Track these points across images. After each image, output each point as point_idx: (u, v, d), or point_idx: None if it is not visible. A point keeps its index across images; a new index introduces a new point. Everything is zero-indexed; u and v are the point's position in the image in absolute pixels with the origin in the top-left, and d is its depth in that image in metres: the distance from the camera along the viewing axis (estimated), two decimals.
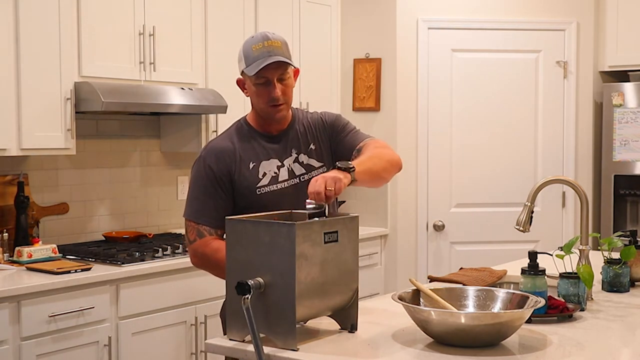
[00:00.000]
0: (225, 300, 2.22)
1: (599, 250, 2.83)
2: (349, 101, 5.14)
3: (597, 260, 2.81)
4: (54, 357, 3.21)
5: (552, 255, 2.57)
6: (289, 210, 2.30)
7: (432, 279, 2.99)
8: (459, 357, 1.97)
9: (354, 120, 2.73)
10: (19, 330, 3.10)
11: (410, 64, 4.96)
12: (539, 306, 2.11)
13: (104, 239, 4.06)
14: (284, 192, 2.48)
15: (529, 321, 2.26)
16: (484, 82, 4.99)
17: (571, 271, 2.54)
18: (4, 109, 3.37)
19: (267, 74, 2.42)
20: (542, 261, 2.44)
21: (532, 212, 2.78)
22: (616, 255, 2.78)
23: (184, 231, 2.54)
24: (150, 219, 4.40)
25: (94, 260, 3.61)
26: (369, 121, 4.97)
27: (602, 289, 2.78)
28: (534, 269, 2.40)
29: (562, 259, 2.59)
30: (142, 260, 3.62)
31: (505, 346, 2.06)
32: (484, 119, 5.00)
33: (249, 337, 2.03)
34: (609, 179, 4.97)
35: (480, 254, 4.80)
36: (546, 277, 2.41)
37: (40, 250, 3.55)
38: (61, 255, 3.65)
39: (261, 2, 4.50)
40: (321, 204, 2.13)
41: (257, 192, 2.47)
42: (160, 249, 3.74)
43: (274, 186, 2.48)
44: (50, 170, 3.94)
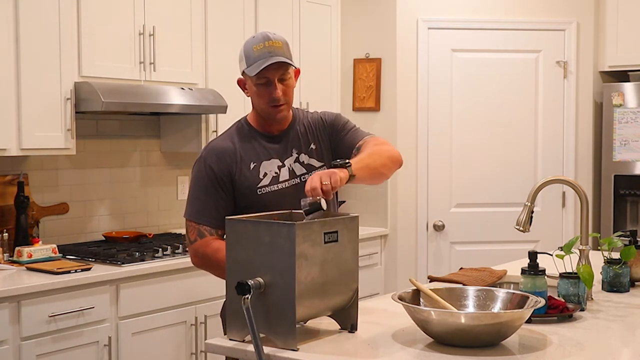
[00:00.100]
0: (225, 300, 2.22)
1: (599, 250, 2.83)
2: (349, 101, 5.14)
3: (597, 260, 2.81)
4: (54, 357, 3.21)
5: (552, 255, 2.57)
6: (289, 210, 2.30)
7: (432, 279, 2.99)
8: (459, 357, 1.97)
9: (354, 120, 2.73)
10: (19, 330, 3.10)
11: (410, 64, 4.96)
12: (539, 306, 2.11)
13: (104, 239, 4.06)
14: (285, 192, 2.48)
15: (529, 321, 2.26)
16: (484, 82, 4.99)
17: (571, 271, 2.54)
18: (4, 109, 3.37)
19: (268, 75, 2.42)
20: (542, 261, 2.44)
21: (532, 212, 2.78)
22: (616, 255, 2.78)
23: (185, 231, 2.54)
24: (150, 219, 4.40)
25: (94, 260, 3.61)
26: (369, 121, 4.97)
27: (602, 289, 2.78)
28: (534, 269, 2.40)
29: (562, 259, 2.59)
30: (142, 260, 3.62)
31: (505, 346, 2.06)
32: (484, 119, 5.00)
33: (249, 337, 2.03)
34: (609, 179, 4.97)
35: (480, 254, 4.80)
36: (546, 277, 2.41)
37: (40, 250, 3.55)
38: (61, 255, 3.65)
39: (261, 2, 4.50)
40: (316, 200, 2.12)
41: (257, 192, 2.47)
42: (160, 249, 3.74)
43: (275, 186, 2.48)
44: (50, 170, 3.94)
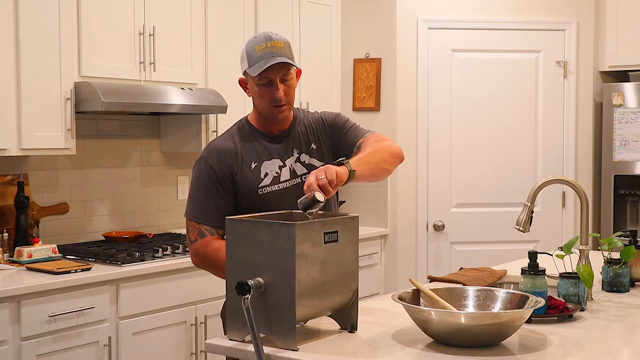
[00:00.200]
0: (225, 300, 2.22)
1: (599, 250, 2.83)
2: (349, 101, 5.14)
3: (597, 260, 2.81)
4: (54, 357, 3.21)
5: (552, 255, 2.57)
6: (290, 210, 2.30)
7: (432, 279, 2.99)
8: (459, 357, 1.97)
9: (354, 120, 2.73)
10: (19, 330, 3.10)
11: (410, 64, 4.96)
12: (539, 306, 2.11)
13: (104, 239, 4.06)
14: (286, 192, 2.48)
15: (529, 321, 2.26)
16: (484, 82, 4.99)
17: (571, 271, 2.54)
18: (4, 109, 3.37)
19: (270, 75, 2.42)
20: (542, 261, 2.44)
21: (532, 212, 2.78)
22: (616, 255, 2.78)
23: (185, 231, 2.54)
24: (150, 219, 4.40)
25: (94, 260, 3.61)
26: (369, 121, 4.97)
27: (602, 289, 2.78)
28: (534, 269, 2.40)
29: (562, 259, 2.59)
30: (142, 260, 3.62)
31: (505, 346, 2.06)
32: (484, 119, 5.00)
33: (249, 337, 2.03)
34: (609, 179, 4.97)
35: (480, 254, 4.80)
36: (546, 277, 2.41)
37: (40, 250, 3.55)
38: (61, 255, 3.65)
39: (261, 2, 4.50)
40: (311, 195, 2.11)
41: (259, 192, 2.47)
42: (160, 249, 3.74)
43: (276, 186, 2.48)
44: (50, 170, 3.94)
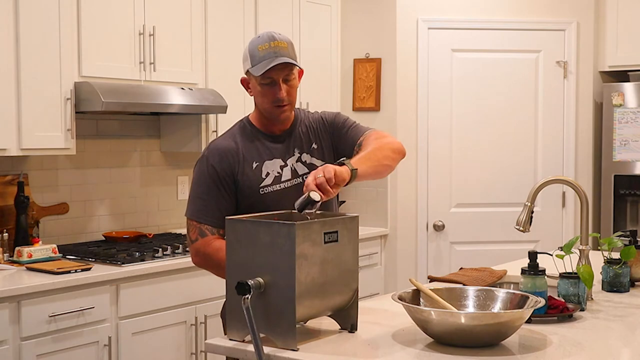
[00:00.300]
0: (225, 300, 2.22)
1: (599, 250, 2.83)
2: (349, 101, 5.14)
3: (597, 260, 2.81)
4: (54, 357, 3.21)
5: (552, 255, 2.56)
6: (290, 210, 2.30)
7: (432, 279, 2.99)
8: (459, 357, 1.97)
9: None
10: (19, 330, 3.10)
11: (410, 64, 4.96)
12: (539, 306, 2.11)
13: (104, 239, 4.06)
14: (287, 192, 2.47)
15: (529, 321, 2.26)
16: (484, 82, 4.99)
17: (571, 271, 2.54)
18: (4, 109, 3.37)
19: (273, 75, 2.42)
20: (542, 261, 2.44)
21: (532, 212, 2.77)
22: (616, 255, 2.78)
23: (186, 230, 2.54)
24: (150, 219, 4.40)
25: (94, 260, 3.61)
26: (368, 121, 4.94)
27: (602, 289, 2.78)
28: (534, 269, 2.40)
29: (562, 259, 2.59)
30: (142, 260, 3.62)
31: (505, 346, 2.06)
32: (484, 119, 5.00)
33: (249, 337, 2.03)
34: (609, 179, 4.97)
35: (480, 254, 4.80)
36: (546, 277, 2.41)
37: (40, 250, 3.55)
38: (61, 255, 3.64)
39: (261, 2, 4.50)
40: (305, 196, 2.11)
41: (260, 192, 2.47)
42: (160, 249, 3.74)
43: (277, 186, 2.48)
44: (50, 170, 3.94)
